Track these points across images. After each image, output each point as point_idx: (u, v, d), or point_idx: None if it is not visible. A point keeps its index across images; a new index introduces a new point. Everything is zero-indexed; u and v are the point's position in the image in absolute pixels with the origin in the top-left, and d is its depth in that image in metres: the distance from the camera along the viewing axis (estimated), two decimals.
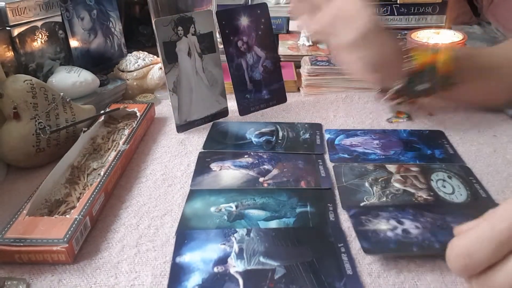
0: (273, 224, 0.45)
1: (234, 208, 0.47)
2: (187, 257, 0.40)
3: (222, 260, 0.40)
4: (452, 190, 0.50)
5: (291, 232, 0.44)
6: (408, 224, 0.44)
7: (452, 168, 0.54)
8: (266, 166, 0.55)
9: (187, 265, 0.39)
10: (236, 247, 0.41)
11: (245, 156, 0.57)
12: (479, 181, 0.51)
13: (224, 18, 0.64)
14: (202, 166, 0.56)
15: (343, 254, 0.41)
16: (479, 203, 0.48)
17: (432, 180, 0.52)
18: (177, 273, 0.39)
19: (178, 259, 0.40)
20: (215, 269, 0.39)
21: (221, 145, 0.61)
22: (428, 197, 0.49)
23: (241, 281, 0.38)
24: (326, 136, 0.62)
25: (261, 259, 0.40)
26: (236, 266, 0.39)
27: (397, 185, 0.51)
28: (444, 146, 0.59)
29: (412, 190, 0.50)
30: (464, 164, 0.55)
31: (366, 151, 0.58)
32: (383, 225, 0.44)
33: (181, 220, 0.46)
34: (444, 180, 0.52)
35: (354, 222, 0.45)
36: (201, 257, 0.40)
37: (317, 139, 0.61)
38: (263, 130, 0.64)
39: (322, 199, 0.49)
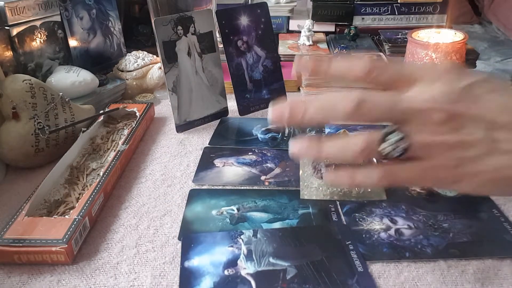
0: (277, 226, 0.45)
1: (236, 211, 0.47)
2: (195, 261, 0.40)
3: (232, 263, 0.40)
4: None
5: (297, 231, 0.44)
6: (401, 223, 0.44)
7: None
8: (269, 165, 0.55)
9: (196, 269, 0.39)
10: (244, 248, 0.41)
11: (249, 153, 0.57)
12: None
13: (224, 18, 0.64)
14: (206, 162, 0.56)
15: (352, 251, 0.41)
16: (471, 197, 0.48)
17: None
18: (188, 278, 0.38)
19: (187, 264, 0.40)
20: (226, 272, 0.39)
21: (227, 140, 0.61)
22: (422, 191, 0.49)
23: (253, 283, 0.37)
24: (327, 130, 0.63)
25: (271, 259, 0.40)
26: (246, 268, 0.39)
27: None
28: None
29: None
30: None
31: None
32: (376, 225, 0.44)
33: (183, 223, 0.46)
34: None
35: (349, 221, 0.45)
36: (210, 261, 0.40)
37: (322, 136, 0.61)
38: (270, 126, 0.64)
39: (323, 200, 0.48)
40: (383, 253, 0.41)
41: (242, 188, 0.51)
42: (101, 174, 0.50)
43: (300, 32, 0.92)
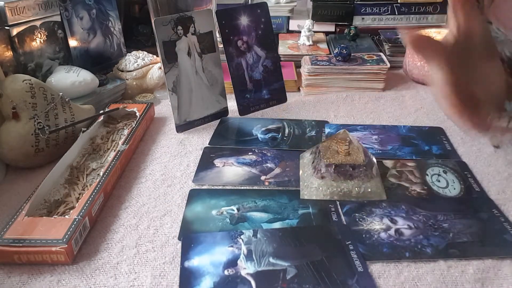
0: (277, 226, 0.45)
1: (236, 211, 0.47)
2: (195, 261, 0.40)
3: (232, 263, 0.40)
4: (446, 184, 0.50)
5: (297, 231, 0.44)
6: (401, 223, 0.44)
7: (449, 163, 0.54)
8: (269, 165, 0.55)
9: (196, 269, 0.39)
10: (244, 248, 0.41)
11: (249, 153, 0.57)
12: (474, 176, 0.52)
13: (224, 18, 0.64)
14: (206, 162, 0.56)
15: (352, 251, 0.41)
16: (471, 197, 0.48)
17: (427, 174, 0.52)
18: (188, 278, 0.38)
19: (187, 264, 0.40)
20: (226, 272, 0.39)
21: (227, 140, 0.61)
22: (422, 191, 0.49)
23: (253, 283, 0.38)
24: (327, 130, 0.63)
25: (271, 259, 0.40)
26: (246, 268, 0.39)
27: (392, 180, 0.51)
28: (442, 143, 0.59)
29: (407, 185, 0.50)
30: (461, 159, 0.55)
31: (364, 145, 0.58)
32: (376, 225, 0.44)
33: (183, 223, 0.46)
34: (439, 175, 0.52)
35: (349, 221, 0.45)
36: (210, 261, 0.40)
37: (322, 136, 0.61)
38: (270, 126, 0.64)
39: (323, 200, 0.48)
40: (383, 253, 0.41)
41: (242, 188, 0.51)
42: (101, 174, 0.50)
43: (300, 32, 0.92)
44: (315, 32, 0.93)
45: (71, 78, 0.66)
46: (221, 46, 0.65)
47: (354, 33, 0.91)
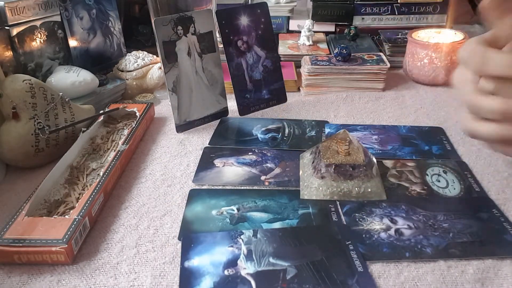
0: (277, 226, 0.45)
1: (236, 211, 0.47)
2: (195, 261, 0.40)
3: (232, 263, 0.40)
4: (446, 184, 0.50)
5: (297, 231, 0.44)
6: (401, 223, 0.44)
7: (449, 163, 0.54)
8: (269, 165, 0.55)
9: (196, 269, 0.39)
10: (244, 248, 0.41)
11: (249, 153, 0.57)
12: (474, 176, 0.52)
13: (224, 18, 0.64)
14: (205, 162, 0.56)
15: (352, 251, 0.41)
16: (471, 197, 0.48)
17: (427, 175, 0.52)
18: (188, 278, 0.38)
19: (187, 264, 0.40)
20: (226, 272, 0.39)
21: (227, 140, 0.61)
22: (422, 191, 0.49)
23: (253, 283, 0.37)
24: (327, 130, 0.63)
25: (271, 259, 0.40)
26: (246, 268, 0.39)
27: (392, 180, 0.51)
28: (442, 143, 0.59)
29: (407, 185, 0.51)
30: (461, 159, 0.55)
31: (364, 145, 0.58)
32: (376, 225, 0.44)
33: (183, 223, 0.46)
34: (439, 175, 0.52)
35: (349, 221, 0.45)
36: (210, 261, 0.40)
37: (322, 136, 0.61)
38: (270, 126, 0.64)
39: (323, 200, 0.48)
40: (383, 253, 0.41)
41: (242, 188, 0.51)
42: (101, 174, 0.50)
43: (300, 32, 0.92)
44: (315, 32, 0.93)
45: (71, 78, 0.66)
46: (221, 46, 0.65)
47: (354, 33, 0.91)
